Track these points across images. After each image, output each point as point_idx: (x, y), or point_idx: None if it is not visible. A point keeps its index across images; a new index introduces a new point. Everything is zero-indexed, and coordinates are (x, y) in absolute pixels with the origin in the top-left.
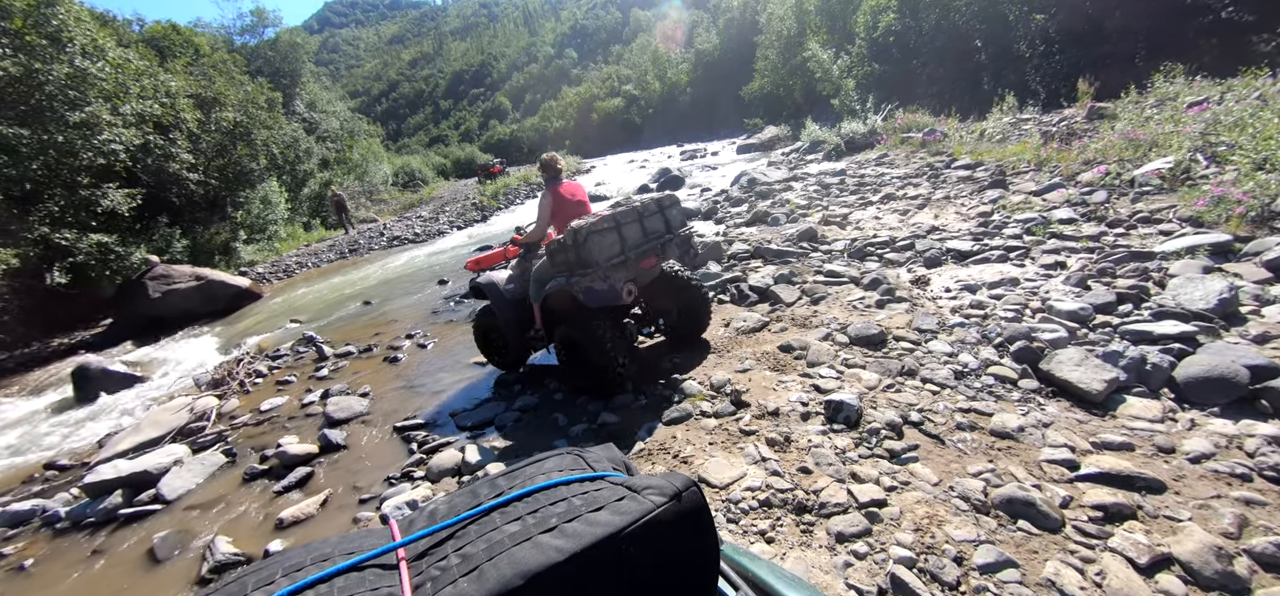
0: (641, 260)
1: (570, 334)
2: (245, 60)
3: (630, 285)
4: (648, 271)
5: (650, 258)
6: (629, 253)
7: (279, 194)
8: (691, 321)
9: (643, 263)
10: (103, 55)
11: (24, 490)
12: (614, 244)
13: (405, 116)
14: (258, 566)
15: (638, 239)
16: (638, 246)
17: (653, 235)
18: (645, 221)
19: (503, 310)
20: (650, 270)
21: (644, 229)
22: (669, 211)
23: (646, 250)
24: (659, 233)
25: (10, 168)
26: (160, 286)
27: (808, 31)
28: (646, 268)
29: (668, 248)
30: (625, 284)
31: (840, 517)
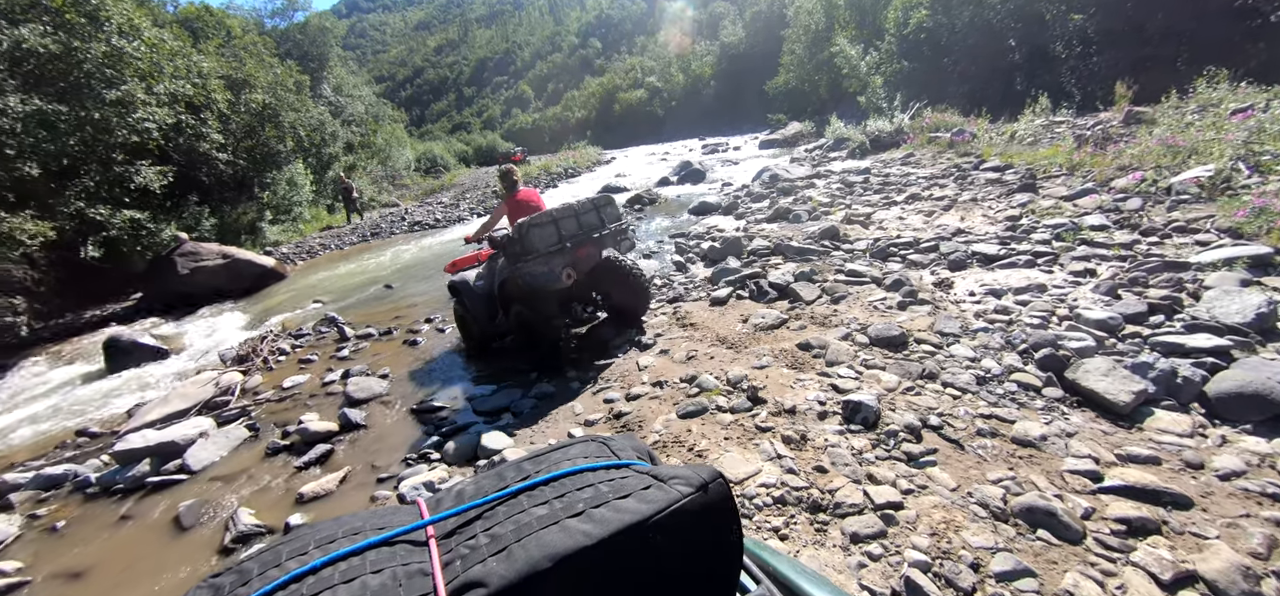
0: (578, 249)
1: (521, 312)
2: (275, 43)
3: (569, 270)
4: (585, 259)
5: (586, 247)
6: (566, 243)
7: (304, 176)
8: (632, 303)
9: (579, 251)
10: (139, 35)
11: (57, 455)
12: (552, 235)
13: (429, 103)
14: (291, 537)
15: (573, 231)
16: (573, 237)
17: (588, 229)
18: (581, 218)
19: (473, 303)
20: (587, 258)
21: (579, 224)
22: (603, 210)
23: (582, 240)
24: (594, 227)
25: (49, 143)
26: (189, 263)
27: (836, 26)
28: (583, 256)
29: (604, 239)
30: (564, 268)
31: (855, 518)
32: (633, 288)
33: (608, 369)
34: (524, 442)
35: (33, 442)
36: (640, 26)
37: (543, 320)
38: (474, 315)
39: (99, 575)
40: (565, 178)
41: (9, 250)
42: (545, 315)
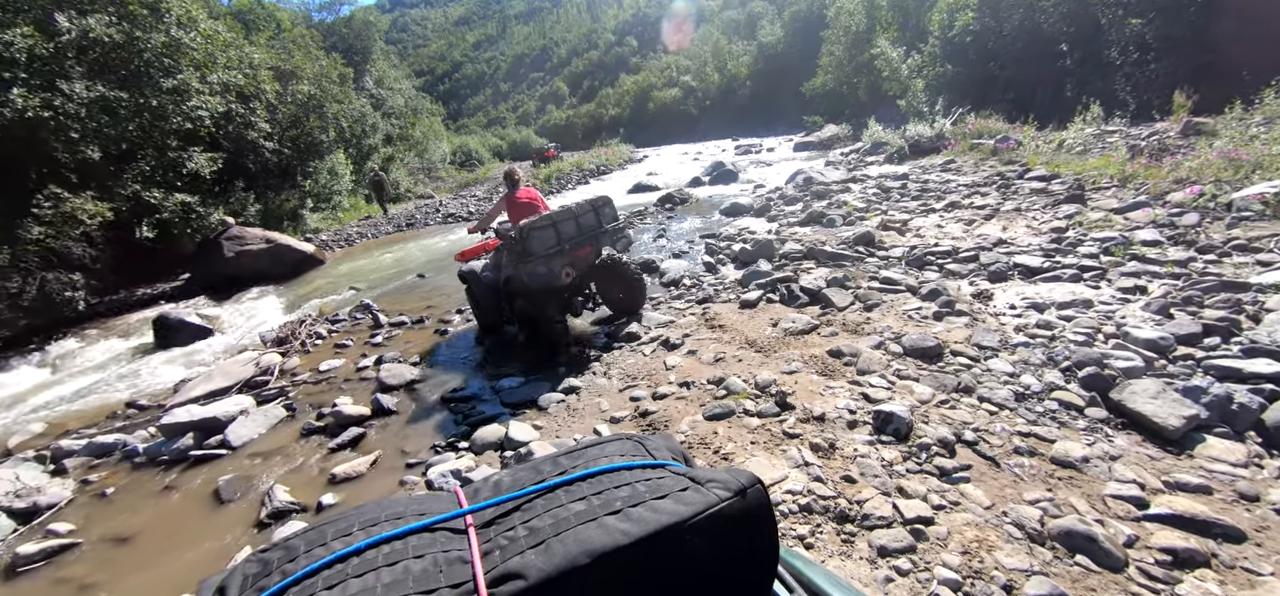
0: (577, 249)
1: (524, 308)
2: (321, 36)
3: (568, 269)
4: (584, 259)
5: (585, 247)
6: (564, 244)
7: (345, 166)
8: (628, 298)
9: (578, 252)
10: (195, 26)
11: (108, 424)
12: (551, 238)
13: (466, 97)
14: (336, 517)
15: (572, 233)
16: (572, 239)
17: (586, 230)
18: (579, 220)
19: (481, 292)
20: (586, 258)
21: (578, 226)
22: (601, 211)
23: (581, 241)
24: (592, 228)
25: (110, 128)
26: (234, 246)
27: (877, 27)
28: (582, 256)
29: (602, 239)
30: (563, 268)
31: (884, 531)
32: (629, 283)
33: (624, 362)
34: (550, 436)
35: (86, 411)
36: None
37: (544, 316)
38: (482, 305)
39: (144, 541)
40: (596, 175)
41: (71, 229)
42: (546, 312)
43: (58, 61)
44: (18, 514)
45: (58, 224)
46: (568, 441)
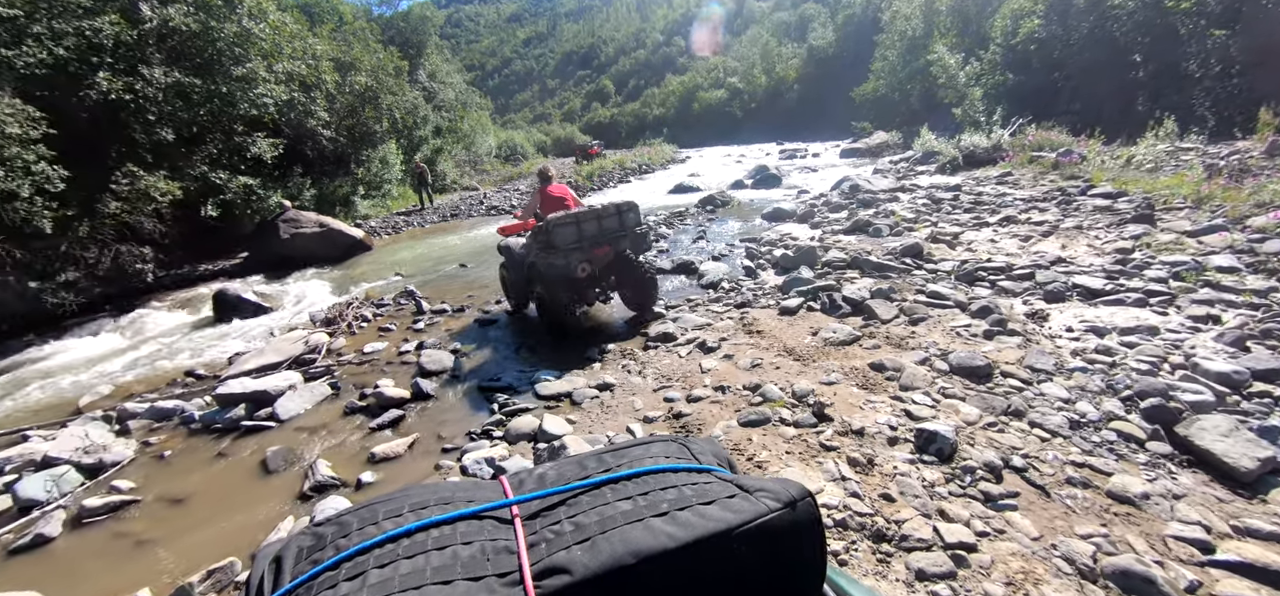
0: (596, 248)
1: (541, 293)
2: (380, 29)
3: (585, 265)
4: (601, 257)
5: (604, 247)
6: (585, 242)
7: (396, 156)
8: (640, 296)
9: (597, 250)
10: (265, 17)
11: (169, 391)
12: (573, 235)
13: (514, 92)
14: (386, 498)
15: (594, 233)
16: (593, 238)
17: (608, 232)
18: (603, 221)
19: (513, 266)
20: (604, 256)
21: (601, 226)
22: (625, 215)
23: (601, 241)
24: (614, 230)
25: (183, 112)
26: (289, 229)
27: (935, 33)
28: (600, 254)
29: (621, 240)
30: (580, 264)
31: (922, 554)
32: (642, 284)
33: (660, 363)
34: (583, 431)
35: (150, 377)
36: (727, 26)
37: (556, 302)
38: (512, 276)
39: (197, 503)
40: (638, 173)
41: (144, 205)
42: (559, 299)
43: (140, 48)
44: (86, 469)
45: (133, 200)
46: (601, 438)
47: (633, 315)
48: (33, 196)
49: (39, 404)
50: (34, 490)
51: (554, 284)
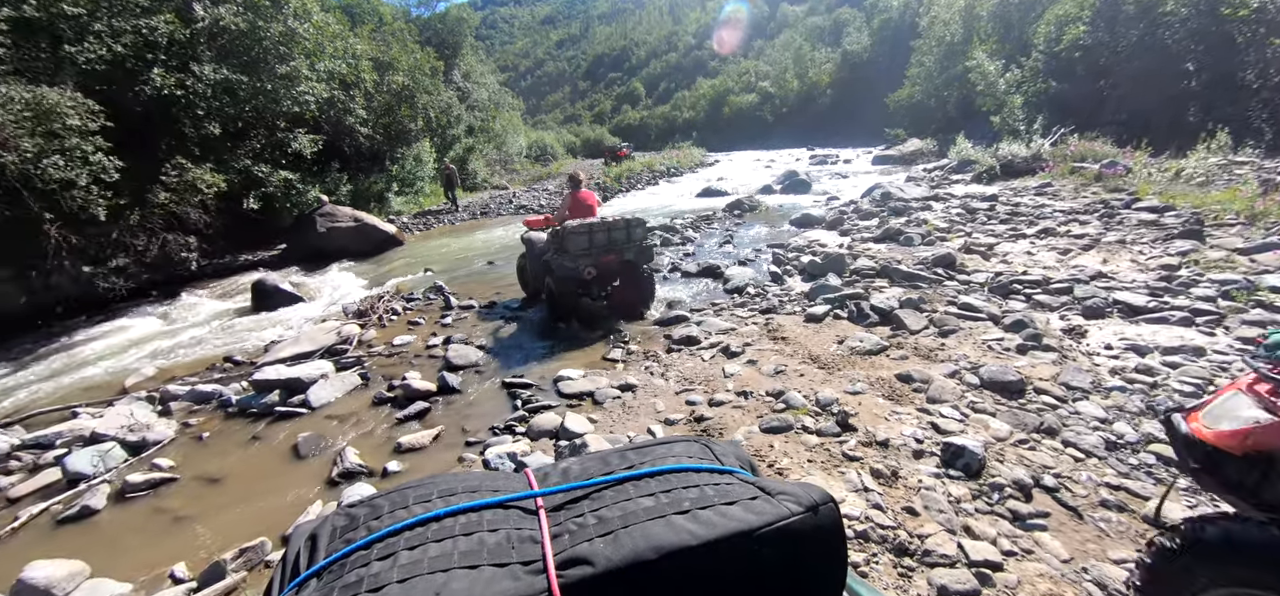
0: (604, 256)
1: (551, 286)
2: (418, 30)
3: (591, 269)
4: (607, 264)
5: (611, 255)
6: (594, 250)
7: (429, 154)
8: (637, 296)
9: (604, 258)
10: (309, 17)
11: (208, 375)
12: (584, 243)
13: (545, 93)
14: (416, 484)
15: (604, 242)
16: (602, 247)
17: (616, 242)
18: (612, 233)
19: (533, 259)
20: (609, 263)
21: (610, 237)
22: (633, 229)
23: (609, 250)
24: (621, 241)
25: (230, 107)
26: (326, 223)
27: (975, 39)
28: (606, 261)
29: (627, 250)
30: (586, 267)
31: (946, 570)
32: (641, 288)
33: (683, 366)
34: (604, 430)
35: (191, 361)
36: (759, 30)
37: (563, 296)
38: (531, 268)
39: (232, 483)
40: (666, 177)
41: (191, 196)
42: (564, 297)
43: (192, 46)
44: (130, 446)
45: (180, 191)
46: (622, 437)
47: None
48: (89, 185)
49: (88, 382)
50: (82, 464)
51: (563, 280)
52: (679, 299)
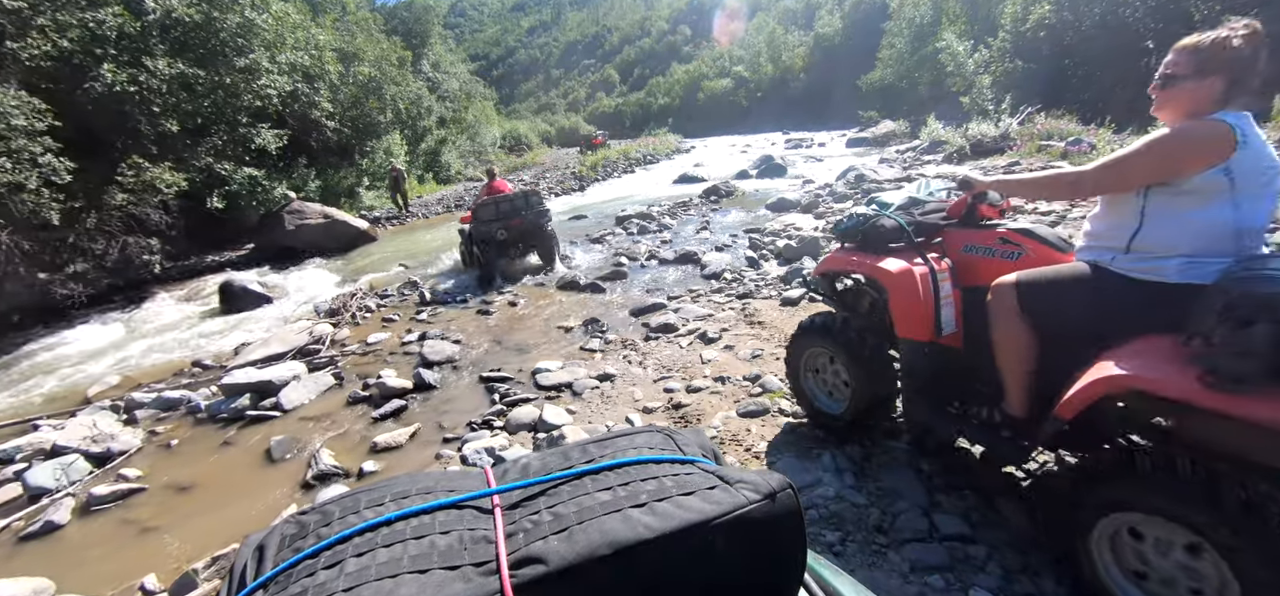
0: (510, 220)
1: (477, 250)
2: (383, 19)
3: (501, 231)
4: (516, 227)
5: (516, 220)
6: (501, 217)
7: (400, 146)
8: (544, 249)
9: (511, 222)
10: (267, 7)
11: (175, 380)
12: (493, 211)
13: (518, 82)
14: (370, 487)
15: (508, 211)
16: (506, 214)
17: (517, 208)
18: (513, 202)
19: (466, 240)
20: (517, 226)
21: (512, 205)
22: (529, 199)
23: (512, 215)
24: (521, 207)
25: (188, 103)
26: (294, 220)
27: (944, 20)
28: (514, 224)
29: (526, 214)
30: (498, 229)
31: (918, 545)
32: (545, 242)
33: (660, 353)
34: (583, 422)
35: (157, 367)
36: (734, 14)
37: (486, 255)
38: (464, 246)
39: (202, 491)
40: (643, 164)
41: (150, 197)
42: (487, 255)
43: (143, 39)
44: (94, 457)
45: (138, 192)
46: (600, 428)
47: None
48: (40, 188)
49: (48, 394)
50: (43, 478)
51: (483, 243)
52: (656, 285)
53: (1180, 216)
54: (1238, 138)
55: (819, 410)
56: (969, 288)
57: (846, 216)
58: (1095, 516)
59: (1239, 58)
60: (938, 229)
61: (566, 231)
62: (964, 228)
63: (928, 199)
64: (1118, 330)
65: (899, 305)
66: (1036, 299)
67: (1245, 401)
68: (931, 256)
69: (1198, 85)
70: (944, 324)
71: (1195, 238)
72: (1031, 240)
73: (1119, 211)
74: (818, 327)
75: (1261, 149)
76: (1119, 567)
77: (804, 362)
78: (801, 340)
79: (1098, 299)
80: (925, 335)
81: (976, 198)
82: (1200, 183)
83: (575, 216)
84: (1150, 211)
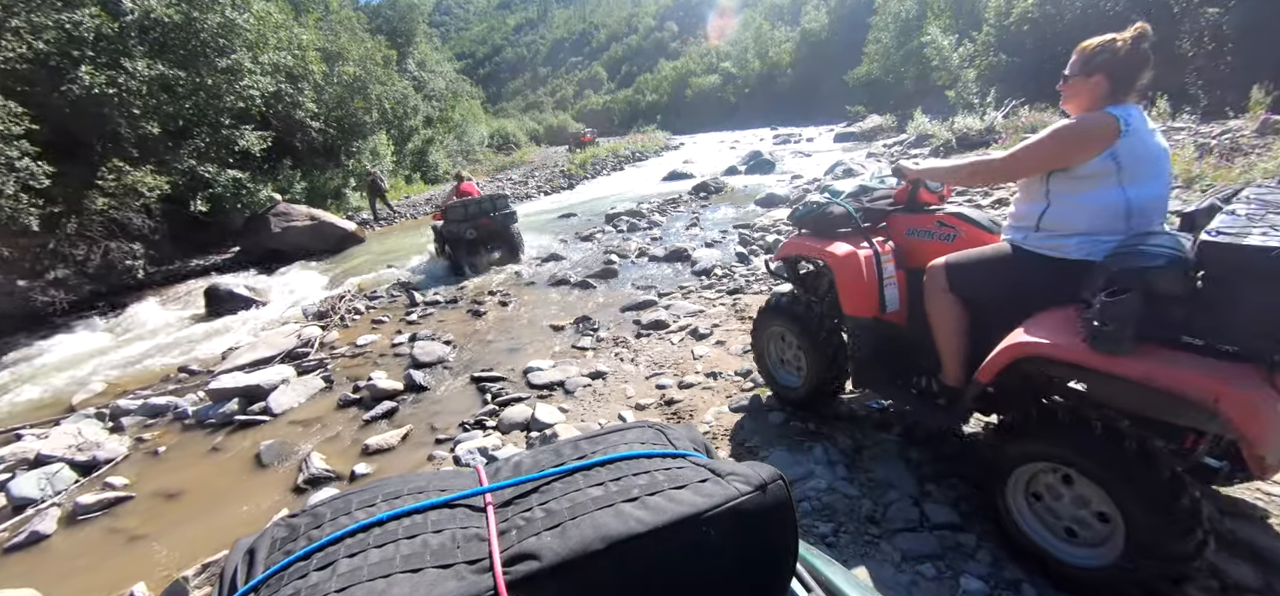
0: (478, 219)
1: (448, 248)
2: (367, 18)
3: (471, 230)
4: (484, 226)
5: (484, 219)
6: (470, 217)
7: (386, 147)
8: (510, 248)
9: (479, 221)
10: (248, 7)
11: (162, 387)
12: (462, 212)
13: (505, 80)
14: (361, 489)
15: (475, 211)
16: (474, 215)
17: (484, 209)
18: (481, 205)
19: (438, 237)
20: (485, 225)
21: (479, 207)
22: (496, 201)
23: (480, 215)
24: (488, 209)
25: (169, 105)
26: (280, 222)
27: (929, 14)
28: (482, 223)
29: (494, 214)
30: (467, 230)
31: (910, 534)
32: (510, 240)
33: (652, 350)
34: (575, 420)
35: (142, 374)
36: (725, 11)
37: (455, 252)
38: (437, 242)
39: (191, 498)
40: (632, 161)
41: (132, 200)
42: (457, 252)
43: (122, 40)
44: (79, 466)
45: (120, 195)
46: (593, 425)
47: (636, 303)
48: (17, 193)
49: (32, 402)
50: (28, 488)
51: (454, 241)
52: (647, 282)
53: (1077, 198)
54: (1121, 127)
55: (779, 383)
56: (912, 269)
57: (801, 204)
58: (1011, 467)
59: (1120, 59)
60: (884, 215)
61: (556, 229)
62: (907, 213)
63: (877, 187)
64: (1033, 303)
65: (844, 285)
66: (963, 278)
67: (1121, 361)
68: (877, 240)
69: (1087, 82)
70: (887, 302)
71: (1090, 217)
72: (965, 223)
73: (1031, 194)
74: (778, 307)
75: (1146, 136)
76: (1032, 514)
77: (767, 340)
78: (764, 318)
79: (1015, 275)
80: (870, 312)
81: (914, 184)
82: (1091, 168)
83: (565, 214)
84: (1053, 194)
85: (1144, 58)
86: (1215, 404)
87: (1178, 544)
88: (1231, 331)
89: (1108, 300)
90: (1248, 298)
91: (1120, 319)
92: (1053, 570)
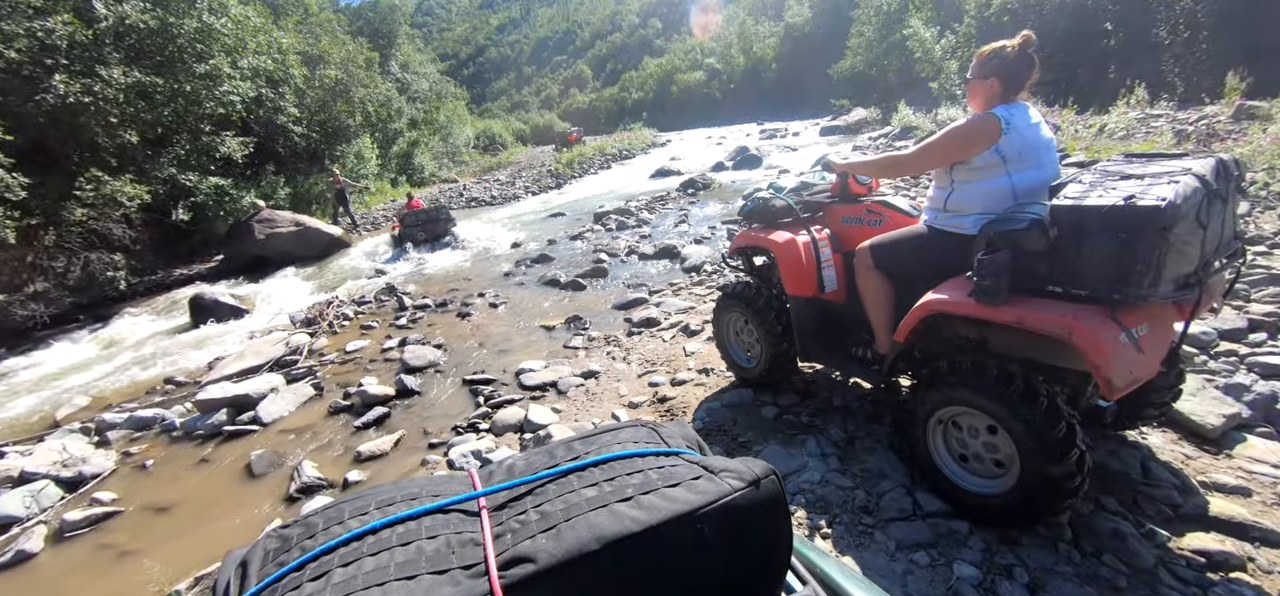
0: (426, 226)
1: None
2: (348, 20)
3: (421, 233)
4: (430, 229)
5: (431, 225)
6: (419, 224)
7: (371, 150)
8: (445, 237)
9: (427, 227)
10: (226, 11)
11: (148, 399)
12: (413, 220)
13: (490, 80)
14: (354, 497)
15: (424, 219)
16: (422, 221)
17: (430, 217)
18: (429, 213)
19: (396, 238)
20: (431, 228)
21: (427, 215)
22: (439, 211)
23: (427, 223)
24: (434, 216)
25: (147, 112)
26: (264, 229)
27: (911, 7)
28: (429, 228)
29: (439, 223)
30: (418, 233)
31: (902, 524)
32: (446, 234)
33: (644, 348)
34: (569, 420)
35: (127, 387)
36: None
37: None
38: (395, 240)
39: (182, 511)
40: (619, 160)
41: (111, 211)
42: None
43: (97, 48)
44: (65, 482)
45: (99, 206)
46: (586, 425)
47: (628, 301)
48: None
49: (14, 419)
50: (12, 507)
51: (409, 240)
52: (637, 280)
53: (973, 184)
54: (1003, 126)
55: (739, 365)
56: (848, 252)
57: (749, 200)
58: (928, 413)
59: (1010, 64)
60: (822, 206)
61: (546, 229)
62: (842, 203)
63: (818, 182)
64: (945, 274)
65: (786, 269)
66: (886, 256)
67: (1000, 310)
68: (815, 228)
69: (983, 84)
70: (825, 282)
71: (985, 200)
72: (890, 209)
73: (940, 182)
74: (733, 295)
75: (1027, 131)
76: (946, 451)
77: (726, 327)
78: (722, 305)
79: (929, 251)
80: (810, 291)
81: (843, 177)
82: (981, 161)
83: (553, 214)
84: (956, 181)
85: (1030, 62)
86: (1069, 337)
87: (1057, 466)
88: (1081, 278)
89: (984, 258)
90: (1089, 248)
91: (995, 273)
92: (963, 499)
